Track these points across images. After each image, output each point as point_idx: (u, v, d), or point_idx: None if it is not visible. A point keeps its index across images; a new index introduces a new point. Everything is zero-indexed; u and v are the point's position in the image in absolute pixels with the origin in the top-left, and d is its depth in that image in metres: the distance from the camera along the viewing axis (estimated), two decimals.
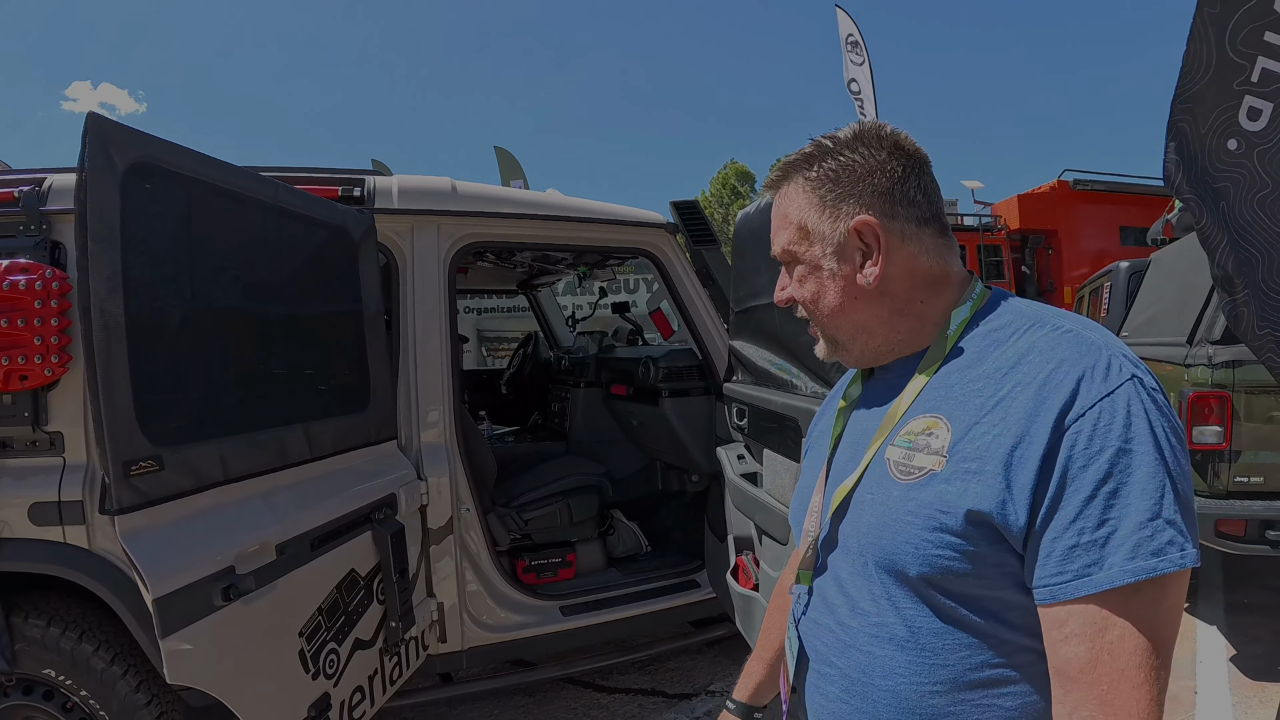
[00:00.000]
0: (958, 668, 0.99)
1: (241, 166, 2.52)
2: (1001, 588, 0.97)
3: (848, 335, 1.15)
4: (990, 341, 1.06)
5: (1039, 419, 0.93)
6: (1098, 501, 0.88)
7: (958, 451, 0.98)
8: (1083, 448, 0.90)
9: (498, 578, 3.42)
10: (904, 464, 1.04)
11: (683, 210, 3.93)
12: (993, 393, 0.99)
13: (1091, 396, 0.91)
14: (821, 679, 1.14)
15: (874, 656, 1.05)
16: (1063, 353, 0.97)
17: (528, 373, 6.30)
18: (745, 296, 3.17)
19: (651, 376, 4.15)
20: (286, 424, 2.54)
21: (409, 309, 3.25)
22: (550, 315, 6.42)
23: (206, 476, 2.19)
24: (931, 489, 0.99)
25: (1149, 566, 0.86)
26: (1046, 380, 0.95)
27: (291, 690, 2.34)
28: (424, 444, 3.22)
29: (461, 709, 3.82)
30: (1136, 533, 0.86)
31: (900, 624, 1.02)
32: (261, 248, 2.55)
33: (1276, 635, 4.34)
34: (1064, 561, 0.89)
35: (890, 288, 1.11)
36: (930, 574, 0.98)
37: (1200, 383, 3.96)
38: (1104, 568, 0.87)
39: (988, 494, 0.93)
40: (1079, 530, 0.89)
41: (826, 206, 1.12)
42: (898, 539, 1.01)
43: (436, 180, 3.39)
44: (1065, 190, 14.05)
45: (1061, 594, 0.90)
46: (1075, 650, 0.89)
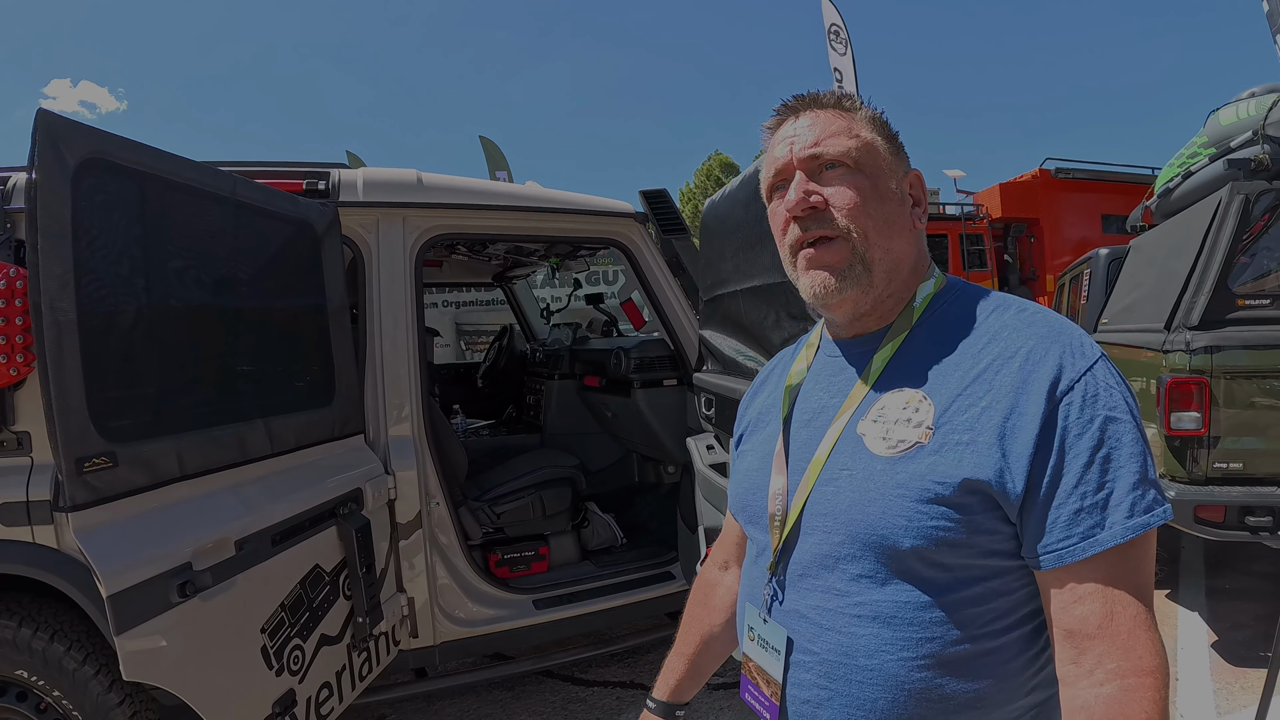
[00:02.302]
0: (944, 639, 1.00)
1: (200, 161, 2.49)
2: (990, 555, 1.00)
3: (885, 267, 1.10)
4: (956, 320, 1.10)
5: (1028, 391, 0.97)
6: (1095, 467, 0.94)
7: (945, 423, 1.01)
8: (1076, 417, 0.96)
9: (469, 572, 3.40)
10: (884, 439, 1.04)
11: (652, 199, 3.91)
12: (970, 367, 1.03)
13: (1077, 370, 0.98)
14: (797, 667, 1.11)
15: (856, 637, 1.03)
16: (1038, 330, 1.03)
17: (503, 366, 6.27)
18: (713, 285, 3.16)
19: (623, 367, 4.14)
20: (246, 419, 2.52)
21: (375, 302, 3.23)
22: (526, 308, 6.40)
23: (162, 472, 2.17)
24: (920, 461, 1.00)
25: (1145, 522, 0.93)
26: (1029, 355, 1.00)
27: (254, 687, 2.32)
28: (391, 438, 3.20)
29: (440, 704, 3.81)
30: (1131, 493, 0.94)
31: (884, 600, 1.02)
32: (219, 242, 2.53)
33: (1258, 621, 4.34)
34: (1070, 525, 0.94)
35: (920, 241, 1.17)
36: (924, 546, 0.99)
37: (1178, 368, 3.94)
38: (1107, 527, 0.93)
39: (984, 463, 0.97)
40: (1081, 495, 0.94)
41: (895, 148, 1.16)
42: (887, 513, 1.01)
43: (401, 172, 3.37)
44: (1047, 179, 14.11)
45: (1070, 556, 0.94)
46: (1090, 608, 0.94)
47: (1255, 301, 4.04)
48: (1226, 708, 3.49)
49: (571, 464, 4.39)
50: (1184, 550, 5.59)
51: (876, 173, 1.11)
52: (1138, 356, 4.38)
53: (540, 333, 6.24)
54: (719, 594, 1.48)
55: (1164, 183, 5.30)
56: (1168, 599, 4.81)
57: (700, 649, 1.46)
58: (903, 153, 1.17)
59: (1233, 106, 4.77)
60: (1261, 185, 4.11)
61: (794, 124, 1.15)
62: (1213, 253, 4.09)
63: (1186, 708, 3.51)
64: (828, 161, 1.11)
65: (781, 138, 1.16)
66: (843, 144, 1.10)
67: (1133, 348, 4.54)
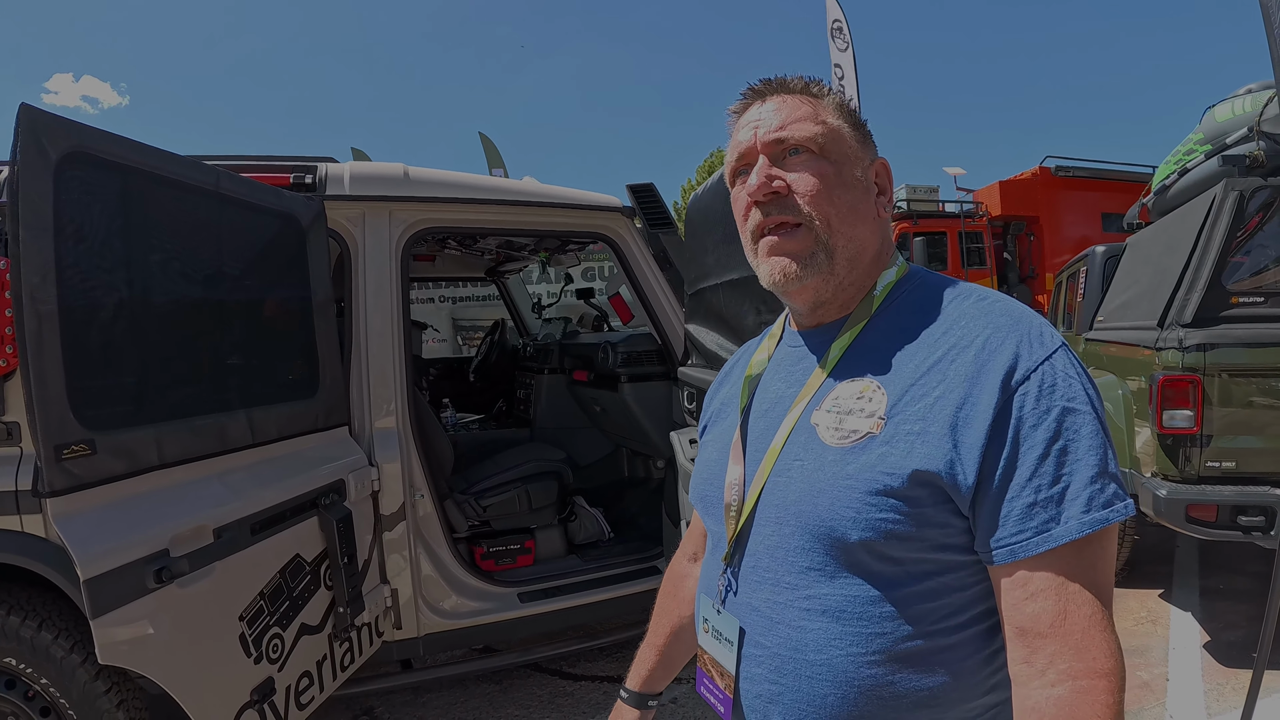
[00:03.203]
0: (894, 635, 0.98)
1: (185, 156, 2.51)
2: (942, 550, 0.97)
3: (847, 255, 1.09)
4: (915, 308, 1.07)
5: (982, 381, 0.94)
6: (1051, 459, 0.91)
7: (897, 413, 0.98)
8: (1031, 408, 0.92)
9: (454, 564, 3.42)
10: (837, 429, 1.02)
11: (639, 193, 3.91)
12: (926, 356, 1.00)
13: (1034, 359, 0.94)
14: (748, 661, 1.09)
15: (806, 631, 1.01)
16: (996, 319, 0.99)
17: (495, 360, 6.29)
18: (697, 278, 3.17)
19: (611, 361, 4.15)
20: (228, 410, 2.54)
21: (361, 295, 3.24)
22: (519, 303, 6.41)
23: (141, 460, 2.19)
24: (871, 452, 0.97)
25: (1103, 518, 0.90)
26: (985, 344, 0.97)
27: (232, 673, 2.34)
28: (376, 430, 3.22)
29: (428, 697, 3.83)
30: (1089, 487, 0.90)
31: (834, 594, 1.00)
32: (202, 235, 2.55)
33: (1251, 622, 4.31)
34: (1023, 519, 0.91)
35: (885, 230, 1.16)
36: (872, 539, 0.96)
37: (1171, 366, 3.91)
38: (1062, 522, 0.90)
39: (935, 454, 0.94)
40: (1035, 488, 0.91)
41: (860, 136, 1.14)
42: (836, 504, 0.98)
43: (388, 166, 3.38)
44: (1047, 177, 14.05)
45: (1023, 550, 0.91)
46: (1043, 605, 0.91)
47: (1249, 299, 4.01)
48: (1217, 709, 3.48)
49: (559, 458, 4.39)
50: (1179, 550, 5.57)
51: (842, 159, 1.09)
52: (1134, 354, 4.36)
53: (533, 327, 6.25)
54: (688, 585, 1.46)
55: (1160, 180, 5.29)
56: (1160, 598, 4.80)
57: (670, 640, 1.46)
58: (869, 141, 1.16)
59: (1228, 103, 4.75)
60: (1256, 182, 4.09)
61: (760, 108, 1.13)
62: (1206, 250, 4.06)
63: (1176, 708, 3.49)
64: (792, 146, 1.08)
65: (746, 122, 1.13)
66: (808, 129, 1.08)
67: (1127, 345, 4.51)
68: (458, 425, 5.78)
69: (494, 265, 5.94)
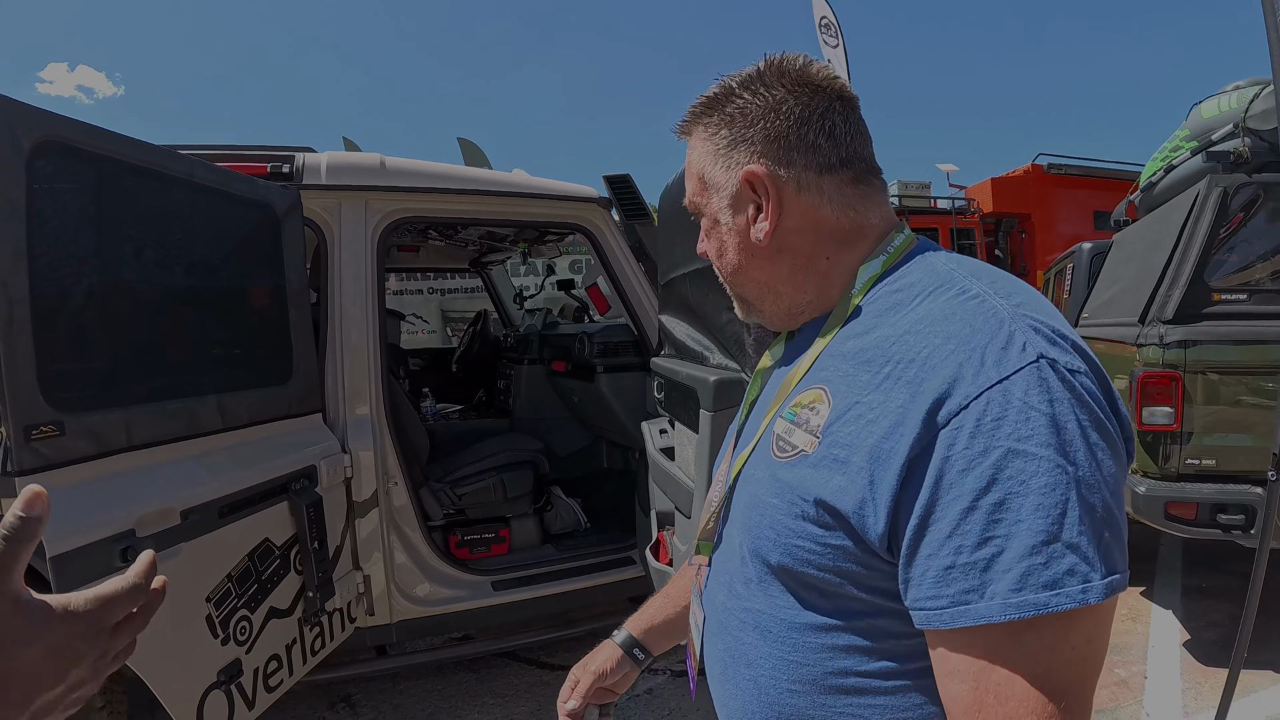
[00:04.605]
0: (818, 669, 0.87)
1: (160, 145, 2.54)
2: (870, 591, 0.83)
3: (755, 294, 1.05)
4: (891, 304, 0.90)
5: (914, 407, 0.77)
6: (978, 515, 0.72)
7: (830, 434, 0.84)
8: (963, 447, 0.73)
9: (428, 551, 3.45)
10: (784, 439, 0.91)
11: (615, 184, 3.93)
12: (879, 368, 0.83)
13: (979, 383, 0.74)
14: (707, 654, 1.07)
15: (741, 642, 0.95)
16: (954, 325, 0.80)
17: (477, 351, 6.31)
18: (669, 268, 3.18)
19: (587, 352, 4.17)
20: (198, 394, 2.56)
21: (336, 284, 3.27)
22: (503, 293, 6.42)
23: (110, 442, 2.22)
24: (798, 471, 0.86)
25: (1038, 602, 0.69)
26: (928, 359, 0.78)
27: (198, 654, 2.37)
28: (350, 418, 3.25)
29: (405, 685, 3.86)
30: (1026, 558, 0.70)
31: (765, 612, 0.92)
32: (175, 223, 2.57)
33: (1232, 621, 4.22)
34: (939, 584, 0.74)
35: (789, 243, 0.98)
36: (790, 565, 0.87)
37: (1151, 363, 3.91)
38: (985, 597, 0.71)
39: (849, 489, 0.80)
40: (955, 548, 0.73)
41: (720, 154, 1.00)
42: (761, 523, 0.90)
43: (365, 156, 3.42)
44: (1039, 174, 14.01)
45: (937, 621, 0.75)
46: (958, 688, 0.75)
47: (1232, 296, 4.00)
48: (1195, 707, 3.48)
49: (535, 448, 4.41)
50: (1162, 548, 5.57)
51: (711, 212, 1.04)
52: (1115, 351, 4.35)
53: (516, 319, 6.27)
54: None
55: (1147, 177, 5.29)
56: (1142, 596, 4.81)
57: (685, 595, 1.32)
58: (737, 147, 0.98)
59: (1215, 99, 4.75)
60: (1240, 178, 4.09)
61: None
62: (1189, 246, 4.06)
63: (1154, 706, 3.49)
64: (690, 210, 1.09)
65: None
66: (688, 191, 1.07)
67: (1110, 342, 4.51)
68: (437, 415, 5.80)
69: (477, 256, 5.96)
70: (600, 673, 1.30)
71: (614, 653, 1.32)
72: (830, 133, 0.97)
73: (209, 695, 2.37)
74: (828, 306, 1.00)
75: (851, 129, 0.99)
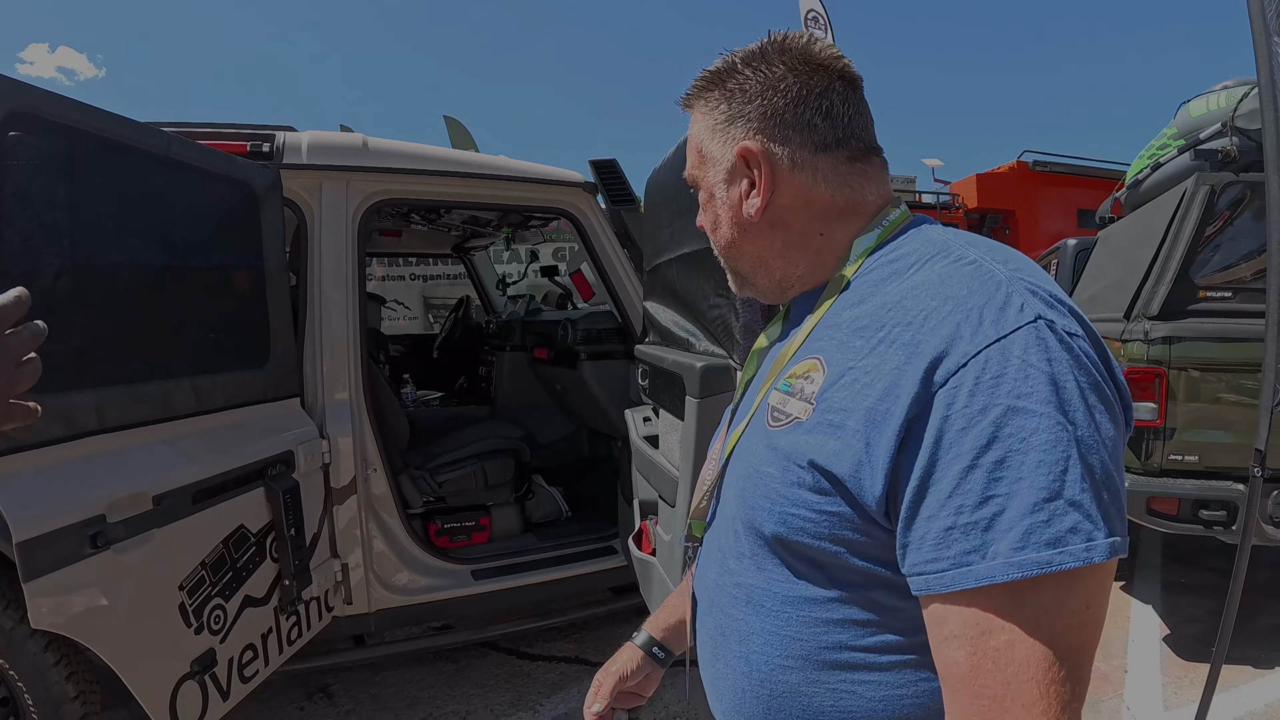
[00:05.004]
0: (812, 644, 0.87)
1: (138, 121, 2.46)
2: (867, 560, 0.83)
3: (747, 268, 1.06)
4: (888, 273, 0.90)
5: (910, 368, 0.76)
6: (979, 473, 0.71)
7: (825, 400, 0.84)
8: (962, 405, 0.72)
9: (407, 540, 3.40)
10: (778, 409, 0.91)
11: (601, 169, 3.88)
12: (873, 333, 0.83)
13: (977, 342, 0.74)
14: (699, 635, 1.07)
15: (733, 619, 0.95)
16: (952, 288, 0.79)
17: (459, 337, 6.24)
18: (654, 254, 3.14)
19: (570, 339, 4.12)
20: (172, 377, 2.49)
21: (316, 266, 3.20)
22: (485, 280, 6.36)
23: (79, 425, 2.14)
24: (793, 438, 0.86)
25: (1041, 560, 0.68)
26: (925, 321, 0.78)
27: (170, 643, 2.31)
28: (329, 403, 3.18)
29: (384, 675, 3.81)
30: (1029, 516, 0.69)
31: (758, 586, 0.91)
32: (151, 199, 2.50)
33: (1212, 616, 4.30)
34: (939, 546, 0.73)
35: (782, 219, 0.99)
36: (785, 534, 0.86)
37: (1136, 358, 3.91)
38: (986, 557, 0.70)
39: (845, 453, 0.79)
40: (956, 508, 0.72)
41: (718, 129, 1.02)
42: (756, 493, 0.90)
43: (347, 136, 3.35)
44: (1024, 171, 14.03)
45: (937, 585, 0.73)
46: (955, 654, 0.73)
47: (1217, 294, 4.02)
48: (1175, 701, 3.50)
49: (517, 435, 4.37)
50: (1141, 543, 5.59)
51: (707, 185, 1.06)
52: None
53: (498, 305, 6.21)
54: None
55: (1134, 174, 5.29)
56: (1122, 590, 4.83)
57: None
58: (735, 123, 1.00)
59: (1203, 98, 4.75)
60: (1228, 177, 4.10)
61: None
62: (1175, 243, 4.07)
63: (1134, 701, 3.51)
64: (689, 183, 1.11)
65: None
66: (688, 164, 1.09)
67: None
68: (418, 401, 5.75)
69: (460, 241, 5.89)
70: (622, 675, 1.28)
71: (634, 654, 1.30)
72: (827, 112, 0.97)
73: (182, 686, 2.31)
74: (821, 280, 1.01)
75: (851, 108, 0.99)
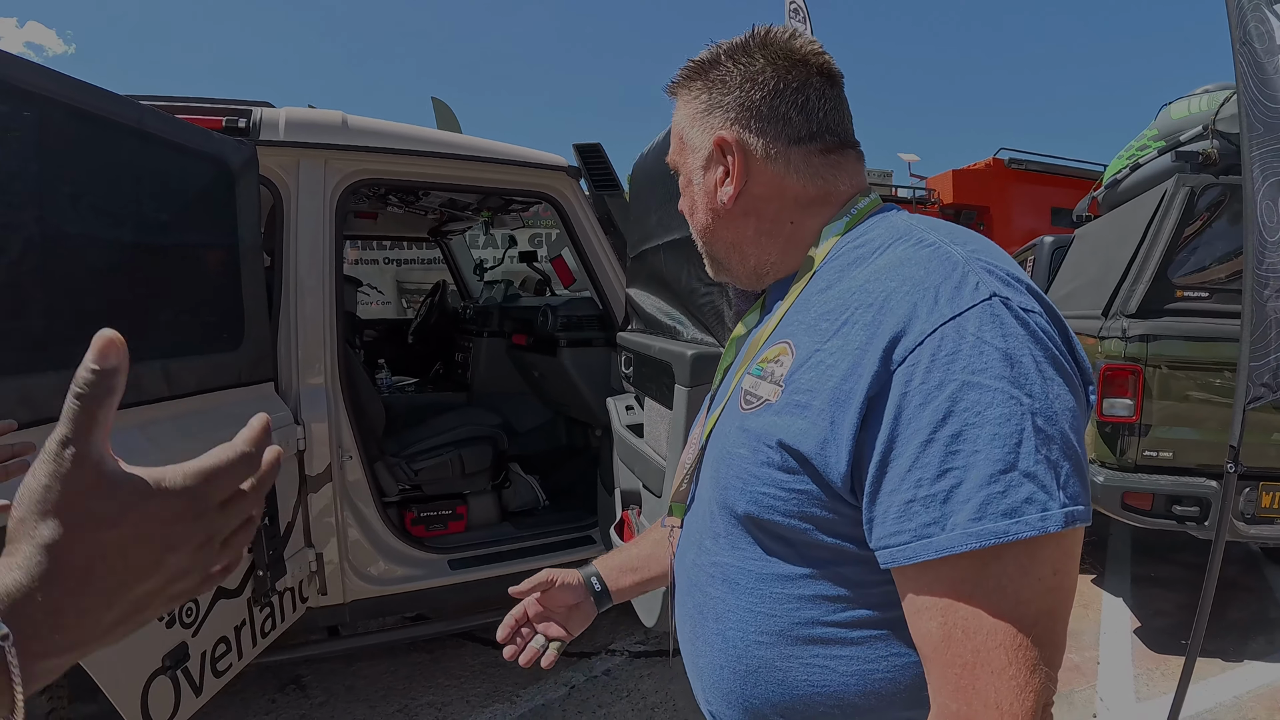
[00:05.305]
0: (785, 619, 0.89)
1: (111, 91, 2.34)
2: (835, 537, 0.85)
3: (723, 253, 1.09)
4: (853, 259, 0.93)
5: (871, 348, 0.79)
6: (936, 447, 0.73)
7: (793, 381, 0.87)
8: (919, 382, 0.75)
9: (383, 528, 3.32)
10: (750, 393, 0.94)
11: (585, 153, 3.81)
12: (837, 316, 0.86)
13: (934, 320, 0.76)
14: (679, 617, 1.09)
15: (710, 597, 0.98)
16: (910, 269, 0.82)
17: (434, 322, 6.13)
18: (639, 240, 3.09)
19: (550, 325, 4.05)
20: (143, 359, 2.38)
21: (292, 246, 3.10)
22: (462, 264, 6.25)
23: (46, 409, 2.04)
24: (763, 420, 0.89)
25: (998, 530, 0.71)
26: (885, 302, 0.81)
27: (141, 638, 2.20)
28: (303, 387, 3.09)
29: (358, 666, 3.74)
30: (984, 487, 0.71)
31: (733, 565, 0.94)
32: (121, 174, 2.37)
33: (1181, 609, 4.43)
34: (901, 519, 0.75)
35: (755, 207, 1.03)
36: (756, 513, 0.89)
37: (1113, 355, 3.96)
38: (946, 528, 0.72)
39: (810, 431, 0.82)
40: (915, 481, 0.74)
41: (698, 117, 1.04)
42: (729, 473, 0.93)
43: (327, 113, 3.23)
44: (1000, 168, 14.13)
45: (901, 557, 0.76)
46: (927, 625, 0.76)
47: (1194, 293, 4.07)
48: (1146, 694, 3.55)
49: (494, 423, 4.30)
50: (1111, 537, 5.68)
51: (686, 170, 1.09)
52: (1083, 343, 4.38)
53: (474, 290, 6.11)
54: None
55: (1112, 174, 5.35)
56: (1093, 584, 4.89)
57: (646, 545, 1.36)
58: (713, 112, 1.02)
59: (1184, 101, 4.80)
60: (1207, 179, 4.15)
61: None
62: (1155, 242, 4.13)
63: (1106, 692, 3.56)
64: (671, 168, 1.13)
65: None
66: (671, 150, 1.11)
67: None
68: (393, 387, 5.65)
69: (437, 225, 5.78)
70: (554, 579, 1.32)
71: (574, 575, 1.34)
72: (803, 106, 1.00)
73: (153, 681, 2.22)
74: (794, 267, 1.03)
75: (828, 103, 1.02)
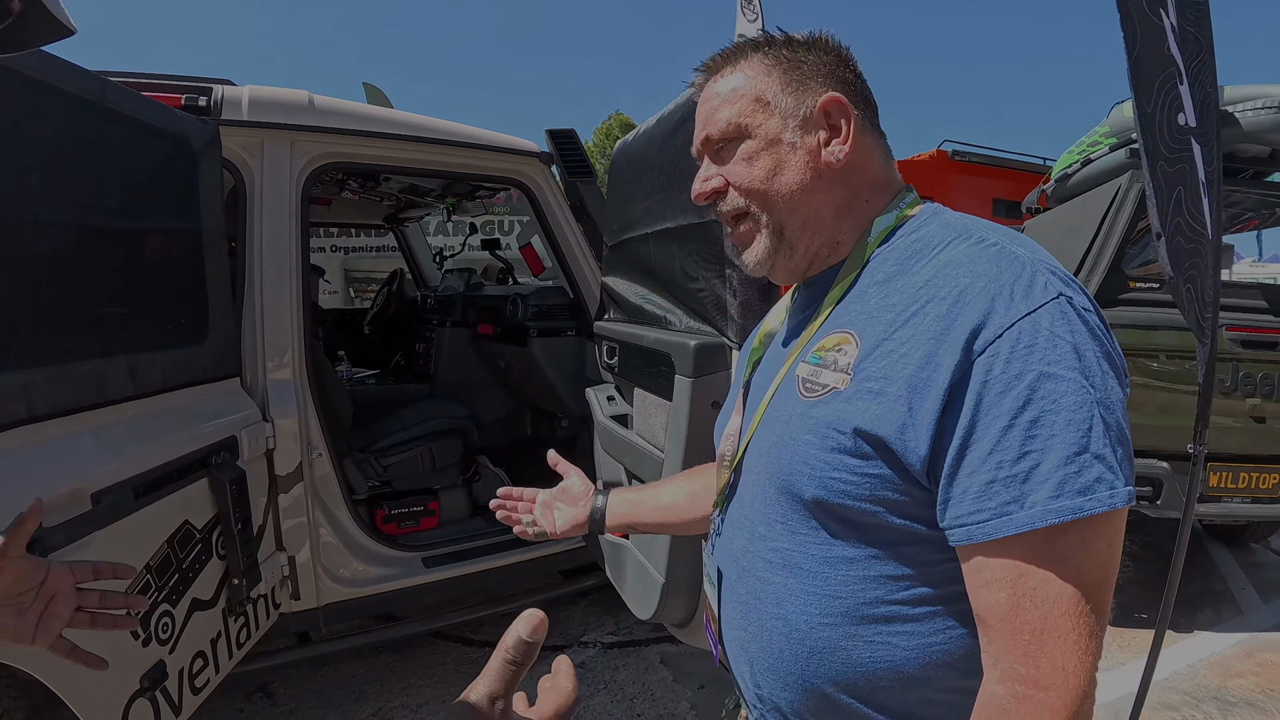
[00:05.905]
0: (850, 600, 0.93)
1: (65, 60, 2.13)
2: (904, 518, 0.90)
3: (797, 226, 1.06)
4: (911, 253, 0.98)
5: (949, 339, 0.85)
6: (1016, 431, 0.80)
7: (863, 369, 0.91)
8: (999, 371, 0.81)
9: (354, 528, 3.18)
10: (810, 381, 0.98)
11: (558, 139, 3.72)
12: (905, 308, 0.91)
13: (1011, 315, 0.83)
14: (727, 606, 1.11)
15: (768, 583, 1.01)
16: (982, 267, 0.88)
17: (392, 312, 5.95)
18: (621, 229, 3.01)
19: (520, 315, 3.94)
20: (107, 355, 2.20)
21: (256, 233, 2.92)
22: (418, 253, 6.07)
23: (7, 414, 1.86)
24: (832, 407, 0.92)
25: (1074, 506, 0.78)
26: (960, 296, 0.86)
27: (118, 660, 2.03)
28: (270, 382, 2.92)
29: (326, 669, 3.60)
30: (1062, 468, 0.78)
31: (795, 550, 0.98)
32: (76, 152, 2.16)
33: (1132, 585, 4.68)
34: (981, 499, 0.81)
35: (849, 175, 1.05)
36: (825, 498, 0.92)
37: None
38: (1025, 506, 0.79)
39: (888, 417, 0.87)
40: (996, 464, 0.81)
41: (792, 82, 1.05)
42: (795, 459, 0.95)
43: (292, 92, 3.05)
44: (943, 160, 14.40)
45: (979, 534, 0.82)
46: (996, 596, 0.82)
47: (1145, 284, 4.20)
48: (1105, 664, 3.63)
49: (463, 415, 4.18)
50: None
51: (770, 131, 1.05)
52: None
53: (432, 278, 5.94)
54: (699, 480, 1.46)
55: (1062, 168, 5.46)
56: None
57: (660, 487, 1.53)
58: (811, 79, 1.05)
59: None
60: None
61: (701, 94, 1.13)
62: (1109, 235, 4.26)
63: None
64: (717, 142, 1.09)
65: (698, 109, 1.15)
66: (725, 115, 1.07)
67: None
68: (353, 380, 5.45)
69: (394, 212, 5.59)
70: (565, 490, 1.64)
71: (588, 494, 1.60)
72: (869, 98, 1.10)
73: (133, 704, 2.06)
74: (839, 257, 1.07)
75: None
